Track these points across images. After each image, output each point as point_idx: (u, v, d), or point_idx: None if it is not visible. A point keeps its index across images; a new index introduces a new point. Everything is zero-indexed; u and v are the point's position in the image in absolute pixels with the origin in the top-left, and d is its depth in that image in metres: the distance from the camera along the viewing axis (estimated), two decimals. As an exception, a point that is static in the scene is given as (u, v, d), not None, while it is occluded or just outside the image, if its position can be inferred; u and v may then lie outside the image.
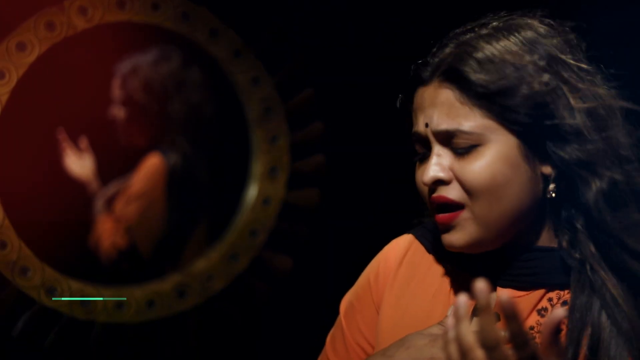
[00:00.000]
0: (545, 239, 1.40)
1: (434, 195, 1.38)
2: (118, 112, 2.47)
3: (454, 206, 1.37)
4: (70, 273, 2.30)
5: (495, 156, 1.35)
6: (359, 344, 1.58)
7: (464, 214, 1.37)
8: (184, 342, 2.47)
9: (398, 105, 1.48)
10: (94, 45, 2.33)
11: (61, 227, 2.39)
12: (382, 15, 2.62)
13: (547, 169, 1.37)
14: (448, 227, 1.38)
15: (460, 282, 1.45)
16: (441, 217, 1.38)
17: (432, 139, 1.38)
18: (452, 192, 1.37)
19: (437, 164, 1.37)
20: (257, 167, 2.57)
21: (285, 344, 2.67)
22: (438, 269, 1.50)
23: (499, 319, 1.36)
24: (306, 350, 2.64)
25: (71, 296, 2.29)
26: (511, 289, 1.39)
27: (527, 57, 1.36)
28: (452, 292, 1.45)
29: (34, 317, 2.25)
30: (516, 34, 1.39)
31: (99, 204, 2.48)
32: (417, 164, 1.44)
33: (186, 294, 2.47)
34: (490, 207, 1.35)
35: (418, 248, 1.55)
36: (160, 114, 2.52)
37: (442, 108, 1.37)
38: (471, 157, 1.36)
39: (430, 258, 1.52)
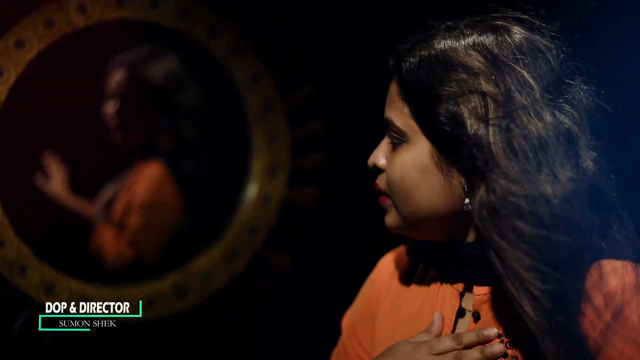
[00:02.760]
0: None
1: (376, 180, 1.47)
2: (113, 108, 2.45)
3: (383, 192, 1.45)
4: (69, 272, 2.29)
5: (408, 158, 1.38)
6: (360, 356, 1.60)
7: (389, 201, 1.44)
8: (183, 341, 2.47)
9: None
10: (93, 42, 2.33)
11: (60, 226, 2.39)
12: (383, 12, 2.61)
13: (460, 181, 1.36)
14: (383, 208, 1.47)
15: (444, 287, 1.48)
16: (379, 198, 1.47)
17: (386, 125, 1.45)
18: (381, 181, 1.45)
19: (380, 150, 1.46)
20: (257, 165, 2.57)
21: (285, 342, 2.67)
22: (427, 277, 1.53)
23: (479, 318, 1.39)
24: (305, 348, 2.65)
25: (70, 295, 2.28)
26: (485, 285, 1.41)
27: (467, 62, 1.33)
28: (437, 297, 1.47)
29: (32, 316, 2.24)
30: (471, 36, 1.37)
31: (97, 209, 2.47)
32: None
33: (185, 293, 2.46)
34: (402, 203, 1.40)
35: (410, 258, 1.58)
36: (158, 112, 2.51)
37: (389, 97, 1.44)
38: (396, 152, 1.40)
39: (420, 267, 1.55)
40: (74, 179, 2.43)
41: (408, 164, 1.37)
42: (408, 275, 1.58)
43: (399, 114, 1.39)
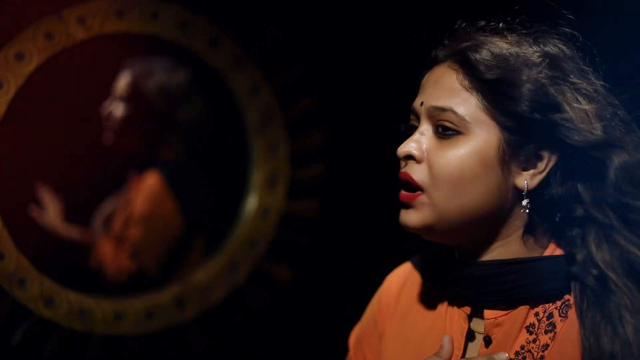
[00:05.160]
0: (521, 251, 1.39)
1: (402, 170, 1.40)
2: (115, 109, 2.45)
3: (416, 187, 1.38)
4: (68, 285, 2.29)
5: (471, 150, 1.34)
6: None
7: (422, 198, 1.37)
8: (183, 353, 2.46)
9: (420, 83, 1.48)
10: (93, 54, 2.33)
11: (59, 239, 2.39)
12: (382, 24, 2.62)
13: (520, 181, 1.36)
14: (406, 206, 1.39)
15: (454, 309, 1.46)
16: (402, 194, 1.39)
17: (423, 115, 1.40)
18: (418, 173, 1.37)
19: (416, 140, 1.39)
20: (257, 177, 2.56)
21: (285, 354, 2.66)
22: (435, 297, 1.51)
23: (490, 342, 1.38)
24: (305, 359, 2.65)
25: (70, 307, 2.28)
26: (497, 309, 1.39)
27: (536, 53, 1.37)
28: (446, 318, 1.46)
29: (32, 328, 2.24)
30: (531, 38, 1.40)
31: (97, 223, 2.47)
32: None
33: (185, 304, 2.46)
34: (449, 199, 1.35)
35: (417, 276, 1.57)
36: (158, 123, 2.51)
37: (443, 87, 1.38)
38: (450, 143, 1.36)
39: (427, 286, 1.53)
40: (76, 192, 2.42)
41: (470, 156, 1.34)
42: (415, 294, 1.56)
43: (461, 104, 1.35)
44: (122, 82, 2.45)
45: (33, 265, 2.22)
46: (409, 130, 1.44)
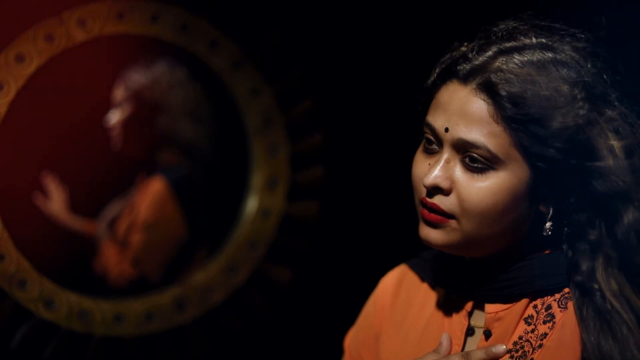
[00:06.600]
0: (527, 251, 1.41)
1: (428, 199, 1.37)
2: (114, 118, 2.45)
3: (444, 214, 1.37)
4: (68, 286, 2.29)
5: (504, 185, 1.33)
6: None
7: (452, 223, 1.36)
8: (183, 354, 2.46)
9: (429, 83, 1.43)
10: (93, 57, 2.33)
11: (60, 240, 2.39)
12: (382, 27, 2.62)
13: (544, 208, 1.37)
14: (431, 224, 1.38)
15: (452, 306, 1.47)
16: (428, 215, 1.37)
17: (447, 143, 1.36)
18: (447, 203, 1.36)
19: (443, 170, 1.36)
20: (257, 178, 2.56)
21: (284, 356, 2.66)
22: (432, 296, 1.52)
23: (490, 336, 1.39)
24: (305, 361, 2.65)
25: (70, 309, 2.28)
26: (498, 303, 1.41)
27: (569, 89, 1.32)
28: (445, 317, 1.47)
29: (32, 329, 2.24)
30: (559, 60, 1.35)
31: (102, 226, 2.47)
32: (421, 148, 1.42)
33: (185, 306, 2.46)
34: (479, 228, 1.35)
35: (413, 278, 1.58)
36: (159, 124, 2.51)
37: (472, 117, 1.33)
38: (482, 177, 1.33)
39: (424, 287, 1.54)
40: (77, 195, 2.43)
41: (504, 191, 1.33)
42: (411, 295, 1.57)
43: (496, 138, 1.32)
44: (117, 90, 2.45)
45: (33, 266, 2.23)
46: (426, 141, 1.40)
